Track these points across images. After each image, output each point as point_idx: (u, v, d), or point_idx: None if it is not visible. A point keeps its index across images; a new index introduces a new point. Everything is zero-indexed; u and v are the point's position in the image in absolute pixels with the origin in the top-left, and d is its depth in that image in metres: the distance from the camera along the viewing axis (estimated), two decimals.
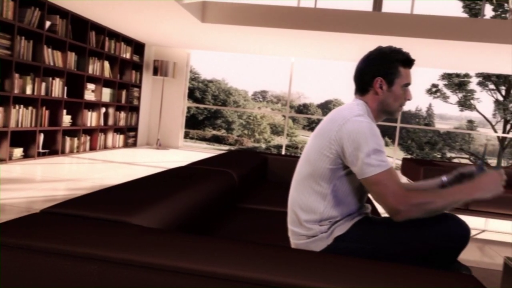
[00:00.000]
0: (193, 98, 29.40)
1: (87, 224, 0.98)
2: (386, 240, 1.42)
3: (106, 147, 7.24)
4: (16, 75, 5.00)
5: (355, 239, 1.44)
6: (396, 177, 1.35)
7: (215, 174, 2.00)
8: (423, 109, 28.58)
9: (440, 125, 34.16)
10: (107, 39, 6.84)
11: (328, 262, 0.89)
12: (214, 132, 29.51)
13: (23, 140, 5.45)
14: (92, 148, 6.87)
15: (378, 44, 6.19)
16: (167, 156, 7.28)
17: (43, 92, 5.50)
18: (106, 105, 7.21)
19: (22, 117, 5.15)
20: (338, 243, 1.45)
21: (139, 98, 8.24)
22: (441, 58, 6.98)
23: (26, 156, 5.41)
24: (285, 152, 9.64)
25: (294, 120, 31.62)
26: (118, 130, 7.74)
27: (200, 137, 28.52)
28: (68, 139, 6.14)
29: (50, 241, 0.86)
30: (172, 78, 8.17)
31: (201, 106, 11.59)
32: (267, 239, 1.78)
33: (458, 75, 19.08)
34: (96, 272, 0.82)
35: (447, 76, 19.31)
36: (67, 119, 6.09)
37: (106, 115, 7.24)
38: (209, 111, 30.10)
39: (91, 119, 6.67)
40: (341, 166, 1.44)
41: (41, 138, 5.67)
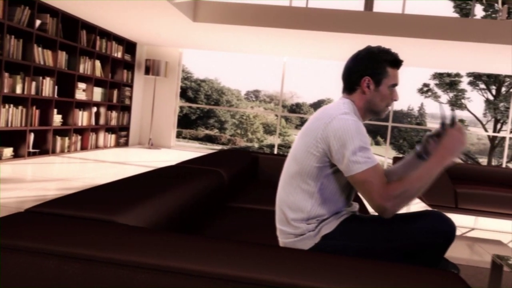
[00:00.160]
0: (186, 98, 29.31)
1: (71, 223, 0.97)
2: (372, 238, 1.43)
3: (97, 147, 7.20)
4: (6, 74, 4.96)
5: (342, 237, 1.45)
6: (382, 174, 1.37)
7: (204, 173, 2.00)
8: (415, 108, 28.75)
9: (432, 124, 34.38)
10: (98, 38, 6.81)
11: (315, 260, 0.89)
12: (207, 131, 29.47)
13: (13, 139, 5.41)
14: (83, 147, 6.83)
15: (370, 43, 6.21)
16: (159, 155, 7.26)
17: (33, 92, 5.46)
18: (98, 104, 7.17)
19: (12, 116, 5.11)
20: (325, 241, 1.45)
21: (130, 98, 8.20)
22: (432, 58, 7.03)
23: (16, 155, 5.37)
24: (277, 151, 9.65)
25: (287, 119, 31.65)
26: (110, 130, 7.70)
27: (193, 136, 28.46)
28: (59, 138, 6.10)
29: (33, 240, 0.85)
30: (164, 77, 8.14)
31: (193, 105, 11.55)
32: (255, 238, 1.79)
33: (449, 75, 19.20)
34: (79, 271, 0.82)
35: (439, 76, 19.43)
36: (57, 119, 6.05)
37: (98, 115, 7.21)
38: (202, 110, 30.03)
39: (82, 118, 6.63)
40: (328, 164, 1.45)
41: (31, 137, 5.63)
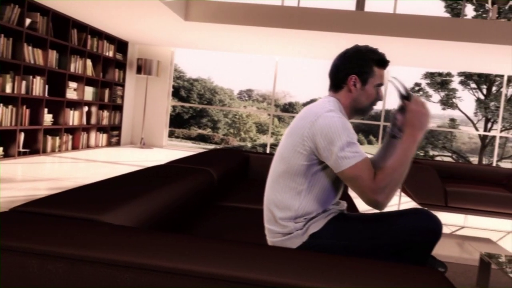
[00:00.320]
0: (178, 97, 29.21)
1: (56, 222, 0.97)
2: (360, 236, 1.44)
3: (88, 146, 7.16)
4: None
5: (330, 235, 1.45)
6: (371, 168, 1.38)
7: (194, 172, 2.00)
8: None
9: None
10: (89, 37, 6.77)
11: (303, 259, 0.89)
12: (200, 131, 29.39)
13: (3, 139, 5.36)
14: (74, 147, 6.79)
15: (362, 43, 6.23)
16: (151, 155, 7.23)
17: (23, 91, 5.41)
18: (89, 103, 7.13)
19: (1, 115, 5.06)
20: (313, 240, 1.46)
21: (122, 97, 8.16)
22: (423, 57, 7.07)
23: (6, 155, 5.32)
24: (270, 150, 9.66)
25: (279, 118, 31.65)
26: (101, 129, 7.66)
27: (186, 136, 28.36)
28: (49, 138, 6.06)
29: (17, 239, 0.85)
30: (156, 76, 8.12)
31: (186, 105, 11.52)
32: (244, 237, 1.79)
33: (440, 74, 19.29)
34: (63, 270, 0.81)
35: (430, 75, 19.51)
36: (48, 118, 6.00)
37: (89, 114, 7.16)
38: (194, 110, 29.95)
39: (73, 118, 6.59)
40: (315, 162, 1.46)
41: (21, 137, 5.58)
